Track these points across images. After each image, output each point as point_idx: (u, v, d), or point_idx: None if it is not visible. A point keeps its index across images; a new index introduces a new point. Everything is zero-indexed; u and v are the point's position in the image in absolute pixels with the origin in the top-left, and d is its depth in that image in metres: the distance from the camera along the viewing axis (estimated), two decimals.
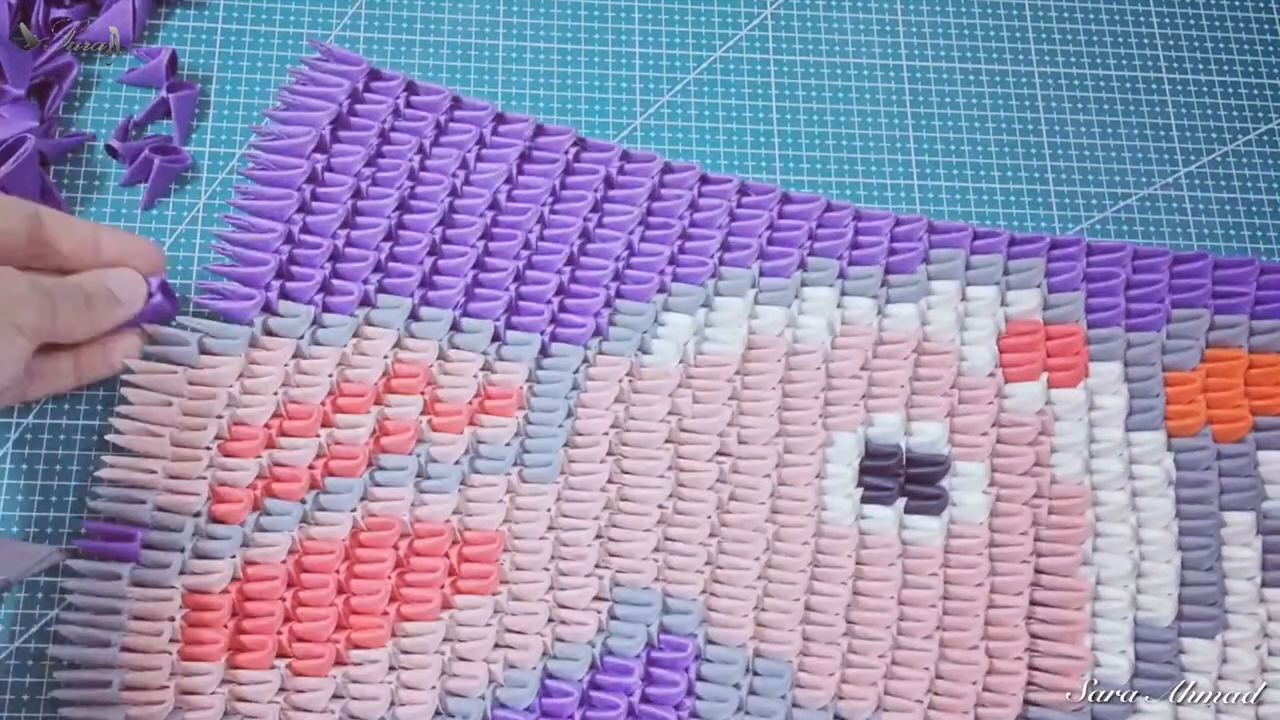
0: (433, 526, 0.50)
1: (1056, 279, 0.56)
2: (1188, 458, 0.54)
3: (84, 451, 0.51)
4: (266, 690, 0.47)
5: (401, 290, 0.53)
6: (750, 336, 0.54)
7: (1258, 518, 0.54)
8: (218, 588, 0.48)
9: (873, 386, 0.54)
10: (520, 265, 0.54)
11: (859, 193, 0.59)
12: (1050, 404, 0.54)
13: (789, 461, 0.52)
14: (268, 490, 0.49)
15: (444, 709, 0.47)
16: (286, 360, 0.51)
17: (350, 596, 0.48)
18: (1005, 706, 0.49)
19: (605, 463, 0.51)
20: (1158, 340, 0.56)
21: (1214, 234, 0.61)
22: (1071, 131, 0.62)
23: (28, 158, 0.52)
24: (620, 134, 0.59)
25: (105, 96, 0.57)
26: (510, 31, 0.61)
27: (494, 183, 0.55)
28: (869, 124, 0.61)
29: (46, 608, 0.49)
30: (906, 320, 0.55)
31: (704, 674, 0.49)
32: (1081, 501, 0.53)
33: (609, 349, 0.54)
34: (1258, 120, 0.63)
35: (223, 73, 0.58)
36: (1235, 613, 0.52)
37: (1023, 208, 0.60)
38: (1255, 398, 0.56)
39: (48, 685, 0.48)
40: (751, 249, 0.56)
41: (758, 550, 0.51)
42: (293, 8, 0.60)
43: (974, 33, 0.64)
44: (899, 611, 0.50)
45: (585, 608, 0.49)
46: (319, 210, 0.54)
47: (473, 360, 0.52)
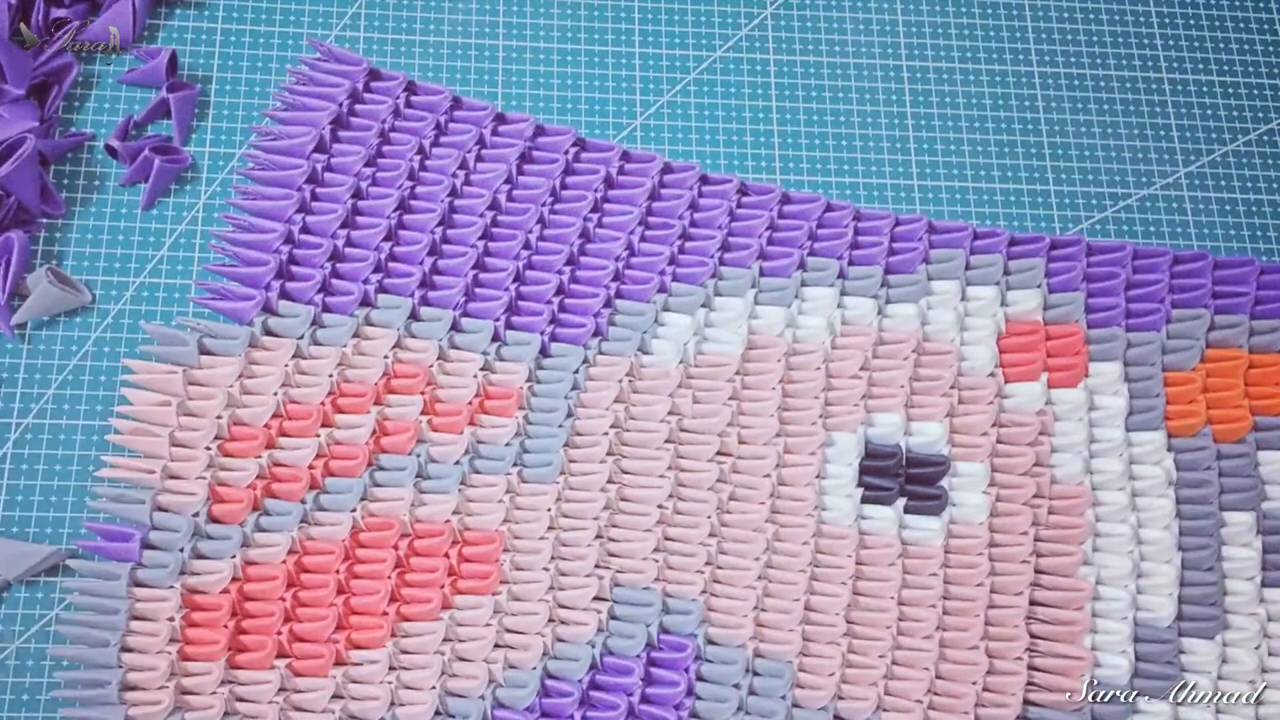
0: (433, 526, 0.50)
1: (1056, 279, 0.56)
2: (1188, 458, 0.54)
3: (84, 451, 0.51)
4: (266, 690, 0.47)
5: (401, 290, 0.53)
6: (750, 336, 0.54)
7: (1258, 518, 0.54)
8: (217, 588, 0.48)
9: (873, 386, 0.54)
10: (520, 265, 0.54)
11: (859, 193, 0.59)
12: (1050, 404, 0.54)
13: (789, 461, 0.52)
14: (268, 490, 0.49)
15: (444, 709, 0.47)
16: (286, 360, 0.51)
17: (350, 596, 0.48)
18: (1005, 706, 0.49)
19: (605, 463, 0.51)
20: (1158, 340, 0.56)
21: (1214, 234, 0.61)
22: (1071, 131, 0.62)
23: (27, 158, 0.52)
24: (620, 134, 0.59)
25: (105, 96, 0.57)
26: (510, 31, 0.61)
27: (494, 183, 0.55)
28: (869, 124, 0.61)
29: (46, 608, 0.49)
30: (906, 320, 0.55)
31: (704, 674, 0.49)
32: (1081, 501, 0.53)
33: (609, 349, 0.53)
34: (1258, 120, 0.63)
35: (223, 73, 0.58)
36: (1235, 613, 0.52)
37: (1023, 208, 0.60)
38: (1255, 398, 0.56)
39: (48, 685, 0.48)
40: (751, 249, 0.55)
41: (758, 550, 0.51)
42: (293, 8, 0.60)
43: (974, 33, 0.64)
44: (899, 611, 0.50)
45: (585, 608, 0.49)
46: (319, 210, 0.54)
47: (473, 360, 0.52)
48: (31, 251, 0.53)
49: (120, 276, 0.54)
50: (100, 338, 0.53)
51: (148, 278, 0.54)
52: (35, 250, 0.54)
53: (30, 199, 0.53)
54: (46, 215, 0.54)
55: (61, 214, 0.54)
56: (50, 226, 0.54)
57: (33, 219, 0.54)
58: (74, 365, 0.52)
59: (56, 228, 0.54)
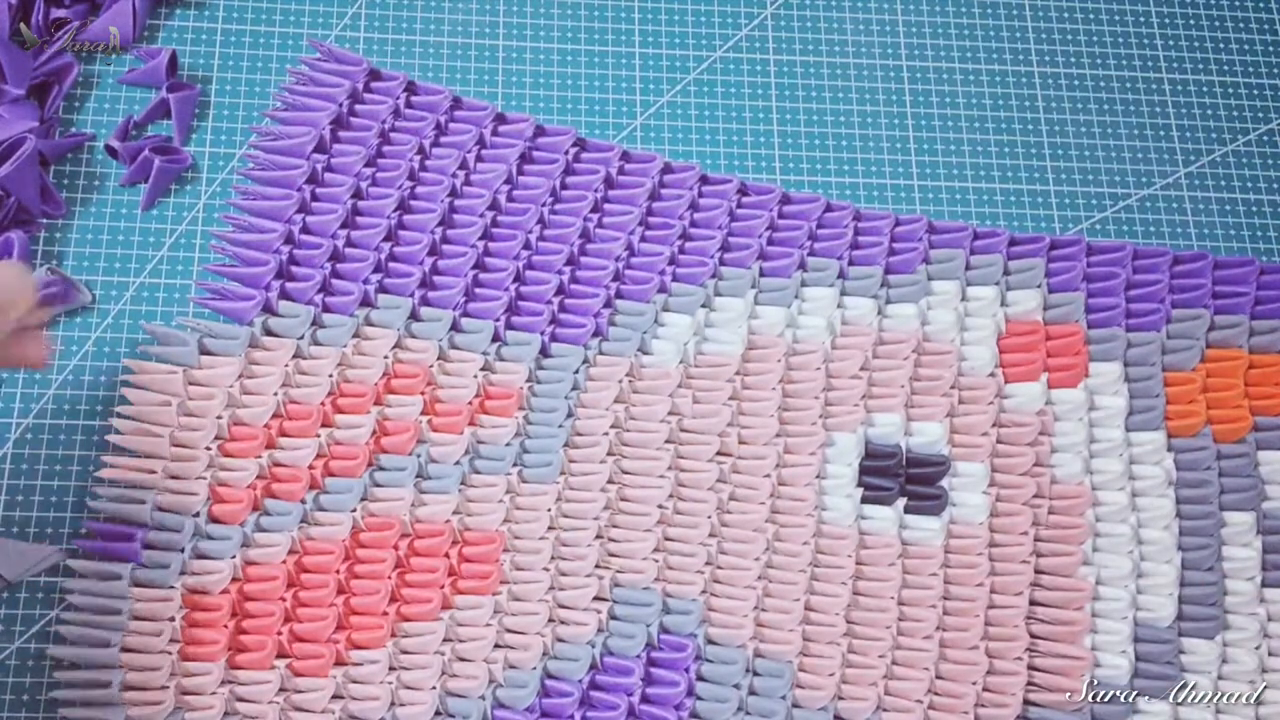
0: (433, 526, 0.50)
1: (1056, 279, 0.56)
2: (1188, 458, 0.54)
3: (84, 451, 0.51)
4: (266, 690, 0.47)
5: (401, 290, 0.53)
6: (750, 336, 0.54)
7: (1258, 518, 0.54)
8: (218, 588, 0.48)
9: (873, 386, 0.54)
10: (520, 265, 0.54)
11: (859, 193, 0.59)
12: (1050, 404, 0.54)
13: (789, 462, 0.52)
14: (268, 490, 0.49)
15: (444, 709, 0.47)
16: (286, 360, 0.51)
17: (350, 596, 0.48)
18: (1005, 706, 0.49)
19: (605, 463, 0.51)
20: (1158, 340, 0.56)
21: (1214, 234, 0.61)
22: (1071, 131, 0.62)
23: (27, 158, 0.52)
24: (620, 134, 0.59)
25: (105, 97, 0.57)
26: (510, 31, 0.61)
27: (494, 183, 0.55)
28: (869, 124, 0.61)
29: (46, 608, 0.49)
30: (906, 320, 0.55)
31: (704, 674, 0.49)
32: (1081, 502, 0.53)
33: (609, 349, 0.53)
34: (1258, 120, 0.63)
35: (223, 73, 0.58)
36: (1235, 613, 0.52)
37: (1023, 208, 0.60)
38: (1255, 398, 0.56)
39: (48, 685, 0.48)
40: (751, 249, 0.55)
41: (758, 550, 0.51)
42: (293, 8, 0.60)
43: (974, 33, 0.64)
44: (899, 611, 0.50)
45: (585, 608, 0.49)
46: (319, 210, 0.54)
47: (473, 360, 0.52)
48: (31, 251, 0.53)
49: (120, 276, 0.54)
50: (100, 338, 0.53)
51: (148, 278, 0.54)
52: (35, 250, 0.54)
53: (30, 199, 0.53)
54: (47, 215, 0.54)
55: (62, 214, 0.54)
56: (50, 226, 0.54)
57: (33, 219, 0.54)
58: (74, 365, 0.52)
59: (56, 228, 0.54)
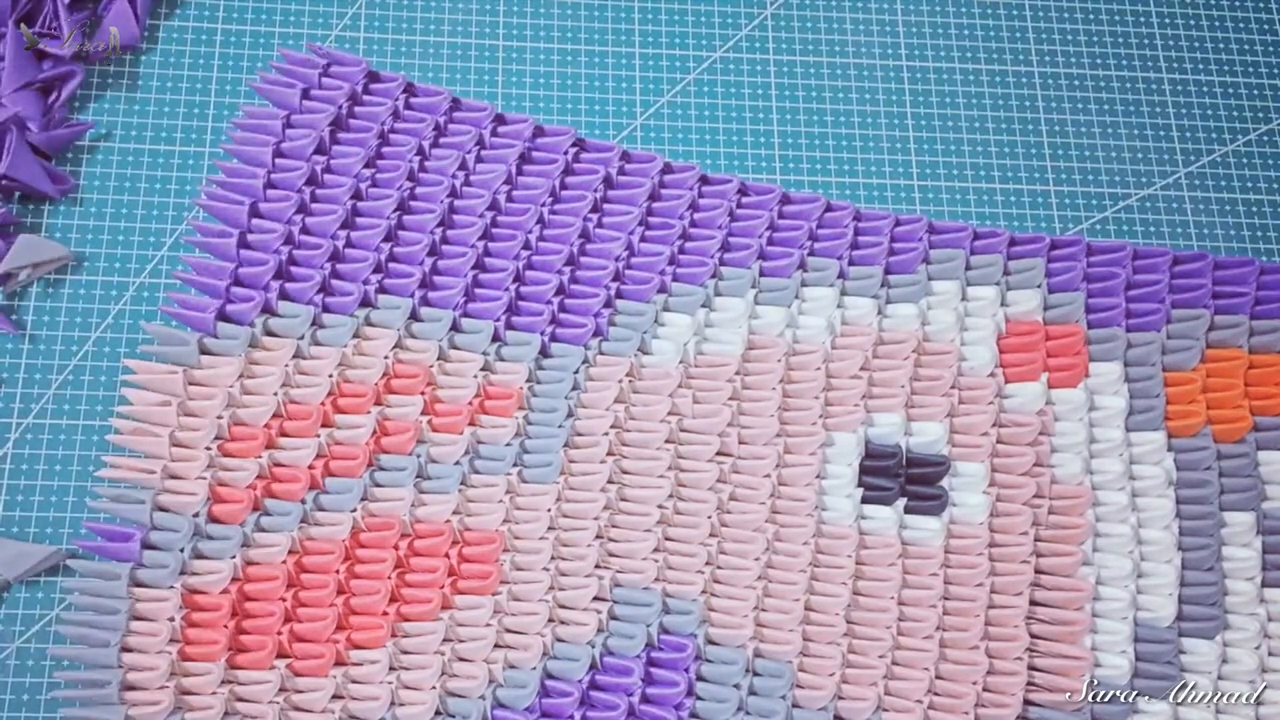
0: (433, 526, 0.50)
1: (1056, 279, 0.56)
2: (1188, 458, 0.54)
3: (84, 451, 0.51)
4: (266, 690, 0.47)
5: (401, 290, 0.53)
6: (750, 336, 0.54)
7: (1258, 518, 0.54)
8: (217, 588, 0.48)
9: (873, 386, 0.54)
10: (520, 265, 0.54)
11: (859, 193, 0.59)
12: (1050, 404, 0.54)
13: (789, 462, 0.52)
14: (268, 490, 0.49)
15: (444, 709, 0.47)
16: (286, 360, 0.51)
17: (350, 596, 0.48)
18: (1005, 706, 0.49)
19: (605, 463, 0.51)
20: (1158, 340, 0.56)
21: (1214, 234, 0.61)
22: (1071, 131, 0.62)
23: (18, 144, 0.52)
24: (620, 134, 0.59)
25: (106, 97, 0.57)
26: (510, 31, 0.61)
27: (494, 183, 0.55)
28: (869, 124, 0.61)
29: (46, 608, 0.49)
30: (906, 320, 0.55)
31: (704, 674, 0.49)
32: (1082, 502, 0.53)
33: (609, 349, 0.53)
34: (1258, 120, 0.63)
35: (223, 73, 0.58)
36: (1235, 613, 0.52)
37: (1023, 208, 0.60)
38: (1255, 398, 0.56)
39: (48, 685, 0.48)
40: (751, 249, 0.55)
41: (758, 550, 0.51)
42: (293, 8, 0.60)
43: (974, 33, 0.64)
44: (899, 611, 0.50)
45: (585, 608, 0.49)
46: (318, 211, 0.54)
47: (473, 360, 0.52)
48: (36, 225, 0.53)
49: (120, 276, 0.54)
50: (100, 338, 0.53)
51: (148, 278, 0.54)
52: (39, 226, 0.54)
53: (37, 181, 0.53)
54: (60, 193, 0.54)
55: (69, 187, 0.54)
56: (50, 226, 0.54)
57: (47, 199, 0.54)
58: (74, 365, 0.52)
59: (56, 227, 0.54)
